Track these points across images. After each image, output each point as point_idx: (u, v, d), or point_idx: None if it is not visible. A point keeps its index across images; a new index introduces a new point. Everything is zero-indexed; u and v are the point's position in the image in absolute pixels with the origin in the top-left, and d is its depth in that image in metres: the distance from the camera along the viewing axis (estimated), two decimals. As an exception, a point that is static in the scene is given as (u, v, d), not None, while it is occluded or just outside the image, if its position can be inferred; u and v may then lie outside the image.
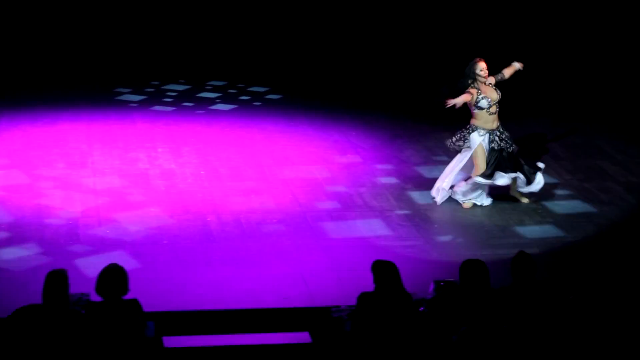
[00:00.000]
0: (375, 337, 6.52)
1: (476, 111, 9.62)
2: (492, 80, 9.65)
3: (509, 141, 9.71)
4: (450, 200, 9.96)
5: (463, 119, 9.83)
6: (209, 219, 9.41)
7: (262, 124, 12.19)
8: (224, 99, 13.12)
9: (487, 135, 9.63)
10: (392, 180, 10.53)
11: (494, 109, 9.59)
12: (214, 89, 13.50)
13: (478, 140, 9.62)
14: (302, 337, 7.37)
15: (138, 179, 10.36)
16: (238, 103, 12.98)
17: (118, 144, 11.36)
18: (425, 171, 10.79)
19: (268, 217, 9.51)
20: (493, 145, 9.63)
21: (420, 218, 9.60)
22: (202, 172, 10.61)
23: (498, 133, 9.65)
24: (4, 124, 11.87)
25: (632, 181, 10.75)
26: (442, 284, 7.03)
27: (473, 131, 9.64)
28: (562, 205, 10.03)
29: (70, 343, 6.35)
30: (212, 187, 10.22)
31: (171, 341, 7.24)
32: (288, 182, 10.39)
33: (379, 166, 10.92)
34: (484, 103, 9.55)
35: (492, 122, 9.63)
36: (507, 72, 9.81)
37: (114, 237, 8.96)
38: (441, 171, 10.08)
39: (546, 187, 10.39)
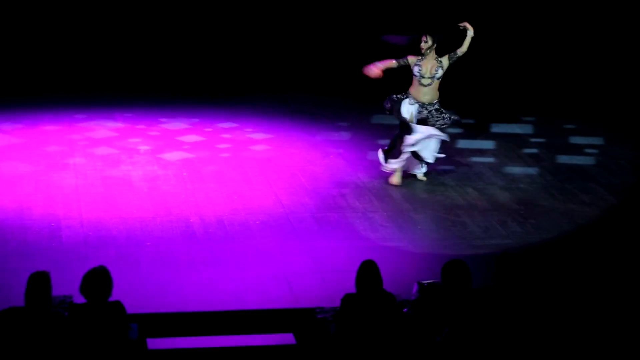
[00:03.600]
0: (360, 338, 6.53)
1: (413, 79, 10.04)
2: (444, 58, 9.97)
3: (439, 119, 10.06)
4: (434, 201, 10.01)
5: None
6: (192, 221, 9.39)
7: (244, 126, 12.18)
8: (208, 101, 13.10)
9: (417, 105, 10.06)
10: (375, 181, 10.54)
11: (426, 81, 9.96)
12: (199, 94, 13.48)
13: (409, 109, 10.08)
14: (286, 338, 7.38)
15: (120, 181, 10.33)
16: (221, 105, 12.96)
17: (100, 145, 11.33)
18: (409, 173, 10.81)
19: (251, 218, 9.50)
20: (421, 115, 10.08)
21: (403, 219, 9.62)
22: (184, 174, 10.59)
23: (430, 107, 10.05)
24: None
25: (613, 182, 10.81)
26: (425, 284, 7.04)
27: (405, 98, 10.09)
28: (543, 206, 10.07)
29: (52, 345, 6.33)
30: (194, 188, 10.20)
31: (155, 343, 7.23)
32: (271, 183, 10.38)
33: (362, 167, 10.93)
34: (415, 69, 10.01)
35: (424, 95, 10.04)
36: (462, 49, 9.97)
37: (96, 239, 8.93)
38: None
39: (528, 187, 10.45)
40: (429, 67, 9.97)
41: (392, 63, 10.07)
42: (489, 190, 10.44)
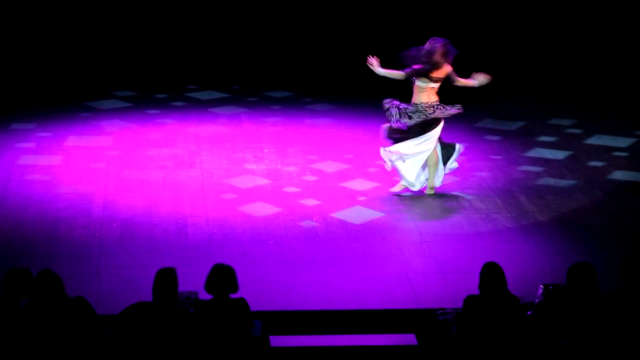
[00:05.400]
0: (482, 340, 6.47)
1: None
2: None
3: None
4: (560, 203, 9.84)
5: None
6: (314, 220, 9.45)
7: (367, 125, 12.19)
8: (326, 100, 13.16)
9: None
10: (499, 182, 10.42)
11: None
12: (314, 93, 13.55)
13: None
14: (408, 339, 7.36)
15: (245, 180, 10.48)
16: (342, 104, 13.00)
17: (225, 145, 11.51)
18: (532, 174, 10.65)
19: (373, 218, 9.51)
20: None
21: (528, 221, 9.48)
22: (307, 173, 10.67)
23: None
24: (115, 125, 12.14)
25: None
26: (550, 287, 6.94)
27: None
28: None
29: (178, 340, 6.46)
30: (317, 187, 10.27)
31: (278, 340, 7.31)
32: (393, 183, 10.35)
33: (486, 168, 10.81)
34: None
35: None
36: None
37: (221, 236, 9.08)
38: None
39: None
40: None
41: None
42: (618, 192, 10.20)
